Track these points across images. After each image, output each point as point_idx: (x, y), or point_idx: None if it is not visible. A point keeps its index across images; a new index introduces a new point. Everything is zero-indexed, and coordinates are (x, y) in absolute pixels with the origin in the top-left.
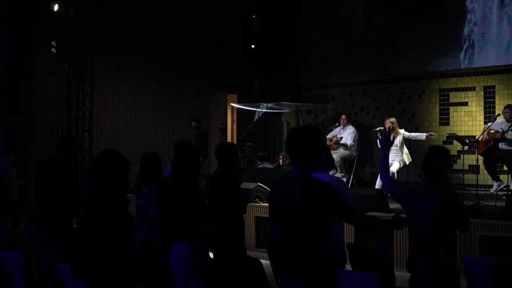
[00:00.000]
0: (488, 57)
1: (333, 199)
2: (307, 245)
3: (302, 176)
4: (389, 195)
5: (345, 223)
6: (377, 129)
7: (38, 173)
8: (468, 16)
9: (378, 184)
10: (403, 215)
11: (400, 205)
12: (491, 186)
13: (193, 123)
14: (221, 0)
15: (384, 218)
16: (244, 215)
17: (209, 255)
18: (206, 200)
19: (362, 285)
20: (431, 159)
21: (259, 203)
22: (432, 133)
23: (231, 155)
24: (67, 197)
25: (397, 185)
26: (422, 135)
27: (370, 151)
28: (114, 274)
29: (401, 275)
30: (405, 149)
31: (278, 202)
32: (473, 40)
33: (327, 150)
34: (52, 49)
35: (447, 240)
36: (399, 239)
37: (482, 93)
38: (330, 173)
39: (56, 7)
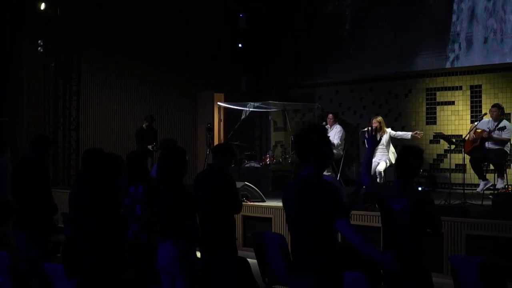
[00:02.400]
0: (475, 57)
1: (326, 196)
2: (311, 245)
3: (307, 175)
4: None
5: None
6: (365, 129)
7: (13, 173)
8: (455, 15)
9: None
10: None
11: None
12: (478, 185)
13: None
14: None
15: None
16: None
17: (196, 254)
18: (194, 199)
19: (351, 284)
20: (405, 158)
21: (246, 202)
22: (418, 132)
23: (224, 154)
24: (42, 196)
25: (374, 184)
26: (407, 134)
27: (357, 150)
28: (102, 274)
29: None
30: (392, 148)
31: (287, 201)
32: (459, 39)
33: None
34: (39, 48)
35: (416, 239)
36: None
37: (468, 92)
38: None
39: (43, 6)
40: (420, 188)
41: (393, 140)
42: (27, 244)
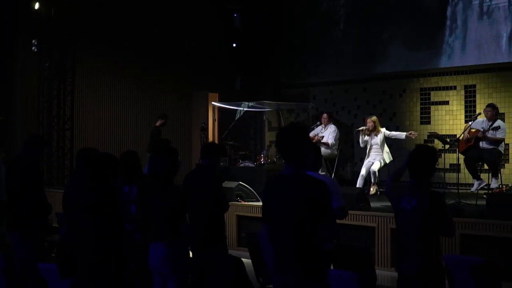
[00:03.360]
0: (469, 57)
1: (322, 197)
2: (296, 243)
3: (294, 174)
4: (370, 193)
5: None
6: (360, 128)
7: (8, 173)
8: (449, 14)
9: (359, 183)
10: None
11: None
12: (472, 184)
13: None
14: None
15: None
16: (225, 214)
17: (188, 254)
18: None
19: (344, 284)
20: (418, 157)
21: (240, 202)
22: (412, 132)
23: (212, 154)
24: (37, 195)
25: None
26: (402, 134)
27: (351, 150)
28: (100, 274)
29: (383, 273)
30: (386, 148)
31: (269, 199)
32: (454, 39)
33: (317, 149)
34: (33, 48)
35: (429, 239)
36: (381, 238)
37: (463, 92)
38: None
39: (37, 6)
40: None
41: (387, 140)
42: (22, 244)
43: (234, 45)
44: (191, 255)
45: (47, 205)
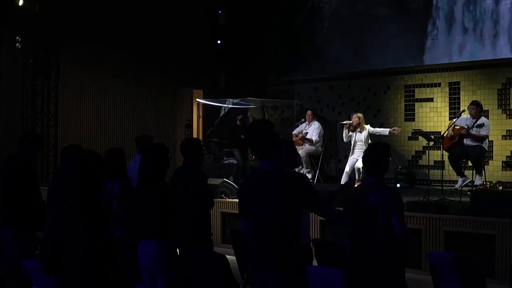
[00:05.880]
0: (453, 53)
1: (301, 186)
2: (276, 238)
3: (270, 168)
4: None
5: (311, 219)
6: (344, 122)
7: (1, 171)
8: (433, 12)
9: (343, 179)
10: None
11: None
12: (456, 181)
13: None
14: None
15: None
16: (210, 211)
17: (177, 252)
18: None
19: (328, 280)
20: (372, 155)
21: (225, 198)
22: (396, 129)
23: (196, 151)
24: (31, 194)
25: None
26: (385, 131)
27: (336, 147)
28: (86, 270)
29: None
30: None
31: (247, 195)
32: (438, 36)
33: (291, 147)
34: (17, 44)
35: (385, 237)
36: None
37: (447, 89)
38: (297, 169)
39: (21, 2)
40: (398, 185)
41: (371, 136)
42: (15, 243)
43: (219, 42)
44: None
45: (42, 204)
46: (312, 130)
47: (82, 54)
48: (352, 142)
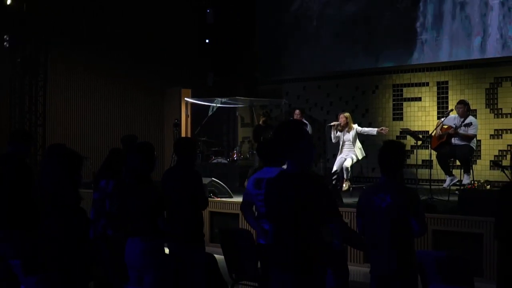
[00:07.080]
0: (441, 53)
1: (317, 190)
2: (299, 240)
3: (298, 171)
4: (343, 189)
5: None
6: (332, 123)
7: None
8: (422, 10)
9: None
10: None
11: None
12: (444, 180)
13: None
14: None
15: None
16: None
17: (164, 250)
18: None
19: None
20: (387, 154)
21: (213, 198)
22: (384, 128)
23: (190, 150)
24: (21, 193)
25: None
26: (373, 130)
27: (324, 146)
28: (68, 269)
29: (355, 269)
30: (358, 144)
31: (274, 197)
32: (426, 35)
33: None
34: (5, 43)
35: (404, 237)
36: None
37: (435, 88)
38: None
39: (9, 1)
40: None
41: (360, 136)
42: (10, 243)
43: (207, 40)
44: (167, 251)
45: (30, 204)
46: None
47: (70, 53)
48: (341, 142)
